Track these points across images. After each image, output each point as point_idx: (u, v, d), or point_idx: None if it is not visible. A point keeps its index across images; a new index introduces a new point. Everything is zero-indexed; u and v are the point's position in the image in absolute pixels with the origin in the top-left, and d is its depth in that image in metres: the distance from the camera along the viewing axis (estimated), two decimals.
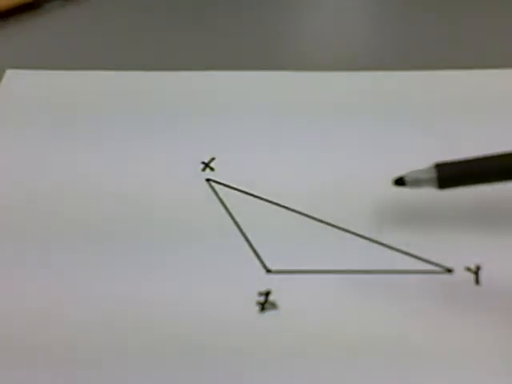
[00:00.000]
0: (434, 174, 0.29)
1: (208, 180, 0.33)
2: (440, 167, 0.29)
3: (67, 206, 0.32)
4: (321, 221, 0.31)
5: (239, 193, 0.33)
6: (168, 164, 0.34)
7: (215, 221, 0.32)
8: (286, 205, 0.32)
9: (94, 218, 0.32)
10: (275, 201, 0.32)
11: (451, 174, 0.29)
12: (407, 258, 0.30)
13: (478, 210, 0.31)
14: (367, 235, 0.31)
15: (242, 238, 0.31)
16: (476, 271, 0.29)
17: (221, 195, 0.33)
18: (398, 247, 0.30)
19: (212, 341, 0.28)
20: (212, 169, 0.34)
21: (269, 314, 0.29)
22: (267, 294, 0.29)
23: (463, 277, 0.29)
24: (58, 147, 0.35)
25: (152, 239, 0.31)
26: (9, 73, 0.38)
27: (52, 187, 0.33)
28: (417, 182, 0.29)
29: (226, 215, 0.32)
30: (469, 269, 0.29)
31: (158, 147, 0.34)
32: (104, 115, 0.36)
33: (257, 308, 0.29)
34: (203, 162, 0.34)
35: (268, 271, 0.30)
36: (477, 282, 0.29)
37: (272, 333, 0.28)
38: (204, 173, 0.33)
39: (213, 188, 0.33)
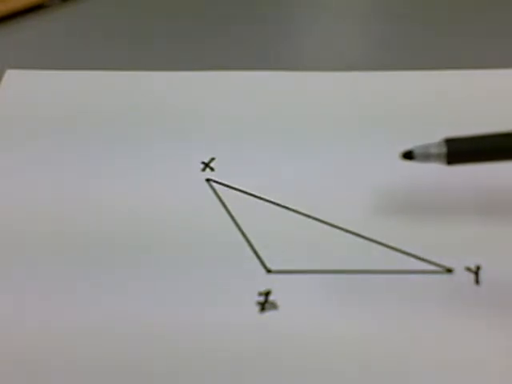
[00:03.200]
0: (443, 149, 0.28)
1: (208, 180, 0.33)
2: (450, 142, 0.28)
3: (67, 204, 0.32)
4: (321, 221, 0.31)
5: (239, 193, 0.33)
6: (168, 164, 0.34)
7: (215, 221, 0.32)
8: (286, 205, 0.32)
9: (93, 216, 0.32)
10: (275, 201, 0.32)
11: (461, 150, 0.28)
12: (407, 257, 0.30)
13: (478, 210, 0.31)
14: (367, 235, 0.31)
15: (241, 238, 0.31)
16: (476, 271, 0.29)
17: (221, 195, 0.33)
18: (398, 247, 0.30)
19: (212, 341, 0.28)
20: (212, 169, 0.34)
21: (269, 314, 0.29)
22: (267, 293, 0.29)
23: (463, 277, 0.29)
24: (58, 147, 0.35)
25: (151, 239, 0.31)
26: (9, 73, 0.38)
27: (52, 188, 0.33)
28: (425, 157, 0.29)
29: (226, 215, 0.32)
30: (469, 269, 0.29)
31: (158, 147, 0.34)
32: (104, 115, 0.36)
33: (257, 308, 0.29)
34: (203, 162, 0.34)
35: (268, 271, 0.30)
36: (477, 282, 0.29)
37: (272, 333, 0.28)
38: (204, 173, 0.33)
39: (213, 188, 0.33)
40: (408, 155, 0.29)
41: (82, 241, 0.31)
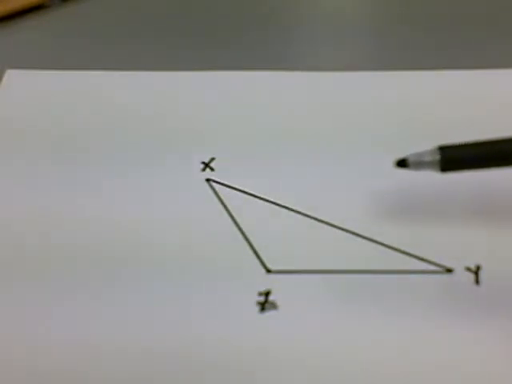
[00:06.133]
0: (436, 157, 0.29)
1: (208, 180, 0.33)
2: (443, 150, 0.29)
3: (67, 202, 0.32)
4: (321, 221, 0.31)
5: (239, 193, 0.33)
6: (168, 164, 0.34)
7: (215, 221, 0.32)
8: (286, 205, 0.32)
9: (93, 215, 0.32)
10: (275, 201, 0.32)
11: (454, 157, 0.29)
12: (407, 257, 0.30)
13: (477, 210, 0.31)
14: (367, 235, 0.31)
15: (241, 238, 0.31)
16: (476, 271, 0.29)
17: (221, 195, 0.33)
18: (398, 247, 0.30)
19: (212, 340, 0.28)
20: (212, 169, 0.34)
21: (269, 313, 0.29)
22: (267, 293, 0.29)
23: (463, 277, 0.29)
24: (58, 147, 0.35)
25: (151, 239, 0.31)
26: (9, 73, 0.38)
27: (52, 188, 0.33)
28: (419, 164, 0.29)
29: (226, 215, 0.32)
30: (469, 269, 0.29)
31: (158, 147, 0.34)
32: (104, 115, 0.36)
33: (257, 308, 0.29)
34: (203, 162, 0.34)
35: (268, 271, 0.30)
36: (477, 282, 0.29)
37: (272, 333, 0.28)
38: (204, 173, 0.33)
39: (213, 188, 0.33)
40: (402, 163, 0.29)
41: (81, 236, 0.31)
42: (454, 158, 0.29)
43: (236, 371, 0.27)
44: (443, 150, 0.29)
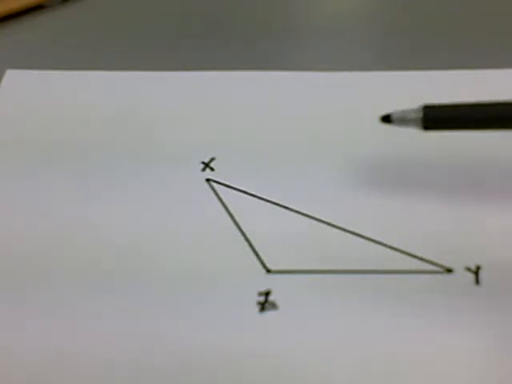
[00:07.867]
0: (420, 114, 0.29)
1: (208, 180, 0.33)
2: (427, 108, 0.29)
3: (67, 204, 0.32)
4: (321, 221, 0.31)
5: (239, 193, 0.33)
6: (168, 164, 0.34)
7: (215, 221, 0.32)
8: (286, 205, 0.32)
9: (93, 216, 0.32)
10: (275, 201, 0.32)
11: (437, 116, 0.29)
12: (407, 257, 0.30)
13: (477, 210, 0.31)
14: (367, 235, 0.31)
15: (241, 238, 0.31)
16: (476, 271, 0.29)
17: (221, 195, 0.33)
18: (398, 247, 0.30)
19: (212, 340, 0.28)
20: (212, 169, 0.34)
21: (269, 313, 0.29)
22: (267, 293, 0.29)
23: (463, 277, 0.29)
24: (58, 147, 0.35)
25: (151, 240, 0.31)
26: (9, 73, 0.38)
27: (52, 188, 0.33)
28: (403, 121, 0.30)
29: (226, 215, 0.32)
30: (469, 269, 0.30)
31: (158, 147, 0.34)
32: (104, 115, 0.36)
33: (257, 308, 0.29)
34: (203, 162, 0.34)
35: (268, 271, 0.30)
36: (477, 282, 0.29)
37: (272, 333, 0.28)
38: (204, 173, 0.33)
39: (213, 188, 0.33)
40: (386, 119, 0.30)
41: (80, 236, 0.31)
42: (437, 116, 0.29)
43: (236, 371, 0.27)
44: (427, 108, 0.29)
